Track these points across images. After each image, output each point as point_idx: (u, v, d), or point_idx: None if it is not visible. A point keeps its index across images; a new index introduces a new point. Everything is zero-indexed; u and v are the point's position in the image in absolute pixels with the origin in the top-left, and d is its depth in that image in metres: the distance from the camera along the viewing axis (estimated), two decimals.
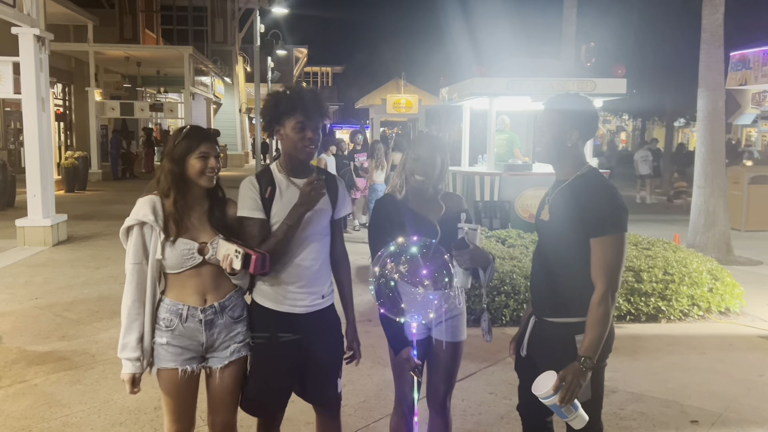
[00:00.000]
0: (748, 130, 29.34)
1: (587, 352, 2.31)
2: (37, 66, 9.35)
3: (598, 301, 2.32)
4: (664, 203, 16.99)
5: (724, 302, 6.26)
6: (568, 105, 2.49)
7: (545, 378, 2.35)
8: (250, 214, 2.61)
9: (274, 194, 2.63)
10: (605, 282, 2.33)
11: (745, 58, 11.81)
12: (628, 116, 34.72)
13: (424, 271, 2.58)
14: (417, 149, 2.82)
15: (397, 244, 2.58)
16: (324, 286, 2.73)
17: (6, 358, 4.93)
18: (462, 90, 10.15)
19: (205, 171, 2.52)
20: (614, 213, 2.36)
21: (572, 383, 2.28)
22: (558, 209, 2.48)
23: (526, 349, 2.64)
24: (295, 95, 2.62)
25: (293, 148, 2.63)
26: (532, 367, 2.58)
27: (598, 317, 2.32)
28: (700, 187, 9.33)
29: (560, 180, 2.55)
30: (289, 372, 2.70)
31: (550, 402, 2.32)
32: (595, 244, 2.35)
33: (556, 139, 2.48)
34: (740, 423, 3.99)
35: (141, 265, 2.50)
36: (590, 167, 2.53)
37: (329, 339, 2.78)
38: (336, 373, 2.81)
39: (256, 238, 2.58)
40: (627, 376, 4.71)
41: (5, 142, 19.40)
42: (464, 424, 3.89)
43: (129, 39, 24.39)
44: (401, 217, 2.77)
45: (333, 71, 65.49)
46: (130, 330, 2.51)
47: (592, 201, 2.38)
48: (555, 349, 2.46)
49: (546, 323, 2.53)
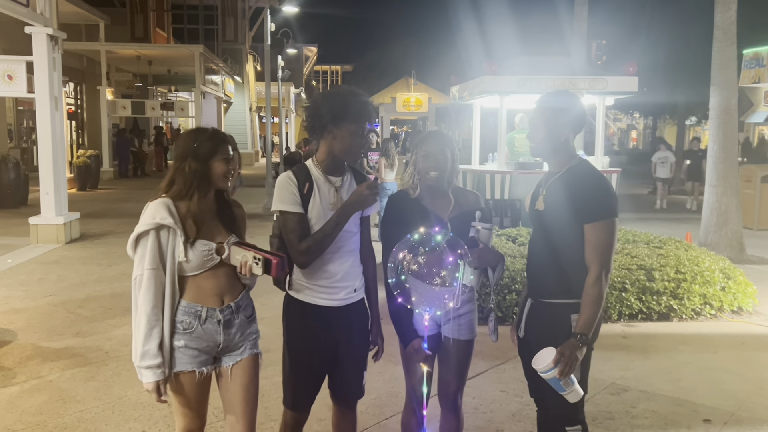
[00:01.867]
0: (760, 129, 29.12)
1: (583, 329, 2.49)
2: (51, 65, 9.42)
3: (592, 282, 2.49)
4: (677, 201, 16.88)
5: (736, 301, 6.23)
6: (559, 103, 2.66)
7: (544, 354, 2.49)
8: (290, 208, 2.65)
9: (312, 190, 2.69)
10: (599, 264, 2.49)
11: (758, 55, 11.73)
12: (639, 114, 34.56)
13: (438, 264, 2.61)
14: (425, 146, 2.84)
15: (419, 234, 2.61)
16: (356, 280, 2.80)
17: (21, 354, 4.98)
18: (472, 88, 10.14)
19: (228, 174, 2.53)
20: (605, 200, 2.54)
21: (570, 357, 2.44)
22: (553, 199, 2.63)
23: (524, 331, 2.77)
24: (355, 100, 2.67)
25: (346, 151, 2.70)
26: (529, 348, 2.70)
27: (593, 297, 2.49)
28: (712, 185, 9.27)
29: (553, 172, 2.70)
30: (323, 364, 2.78)
31: (550, 376, 2.46)
32: (588, 230, 2.51)
33: (550, 134, 2.63)
34: (753, 422, 3.97)
35: (158, 270, 2.47)
36: (581, 159, 2.69)
37: (359, 332, 2.85)
38: (363, 366, 2.87)
39: (296, 232, 2.63)
40: (639, 375, 4.70)
41: (18, 140, 19.55)
42: (476, 421, 3.90)
43: (140, 38, 24.51)
44: (414, 214, 2.79)
45: (343, 70, 65.54)
46: (150, 337, 2.46)
47: (584, 190, 2.55)
48: (551, 328, 2.60)
49: (542, 304, 2.68)
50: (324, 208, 2.67)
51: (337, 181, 2.75)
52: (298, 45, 38.75)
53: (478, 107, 11.02)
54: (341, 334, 2.76)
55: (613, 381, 4.57)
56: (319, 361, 2.76)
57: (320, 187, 2.71)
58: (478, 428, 3.84)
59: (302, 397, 2.81)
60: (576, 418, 2.63)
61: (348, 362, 2.81)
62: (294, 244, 2.63)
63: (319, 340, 2.73)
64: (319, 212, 2.66)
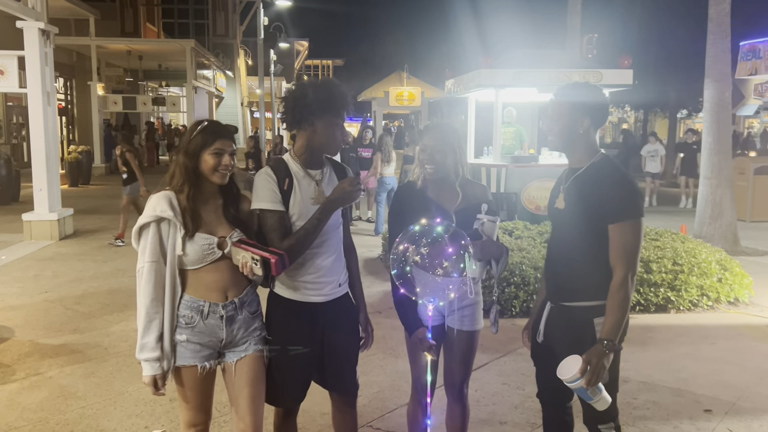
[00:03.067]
0: (750, 121, 29.30)
1: (609, 335, 2.36)
2: (42, 60, 9.34)
3: (618, 285, 2.37)
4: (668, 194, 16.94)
5: (733, 292, 6.27)
6: (578, 93, 2.53)
7: (569, 362, 2.39)
8: (270, 206, 2.57)
9: (292, 186, 2.61)
10: (625, 266, 2.37)
11: (755, 48, 11.79)
12: (630, 108, 34.62)
13: (441, 255, 2.58)
14: (424, 139, 2.85)
15: (421, 225, 2.59)
16: (340, 275, 2.76)
17: (20, 351, 4.95)
18: (468, 82, 10.13)
19: (218, 168, 2.49)
20: (631, 199, 2.42)
21: (597, 366, 2.32)
22: (574, 197, 2.52)
23: (543, 335, 2.68)
24: (337, 91, 2.60)
25: (326, 144, 2.64)
26: (549, 353, 2.63)
27: (619, 300, 2.37)
28: (706, 178, 9.32)
29: (574, 168, 2.59)
30: (309, 361, 2.71)
31: (577, 385, 2.36)
32: (613, 230, 2.39)
33: (568, 126, 2.52)
34: (754, 412, 4.00)
35: (158, 263, 2.44)
36: (603, 154, 2.56)
37: (347, 326, 2.81)
38: (354, 360, 2.83)
39: (277, 231, 2.56)
40: (638, 366, 4.72)
41: (8, 136, 19.37)
42: (478, 413, 3.91)
43: (130, 33, 24.33)
44: (418, 205, 2.79)
45: (334, 64, 65.29)
46: (148, 330, 2.44)
47: (608, 188, 2.42)
48: (574, 333, 2.50)
49: (563, 308, 2.57)
50: (305, 203, 2.60)
51: (317, 175, 2.67)
52: (290, 39, 38.61)
53: (473, 101, 11.00)
54: (327, 329, 2.71)
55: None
56: (303, 358, 2.68)
57: (300, 182, 2.63)
58: (481, 421, 3.85)
59: (285, 394, 2.74)
60: (609, 416, 2.53)
61: (338, 357, 2.75)
62: (275, 243, 2.53)
63: (304, 337, 2.66)
64: (301, 208, 2.59)
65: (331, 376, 2.79)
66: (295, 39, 42.83)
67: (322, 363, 2.75)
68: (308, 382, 2.77)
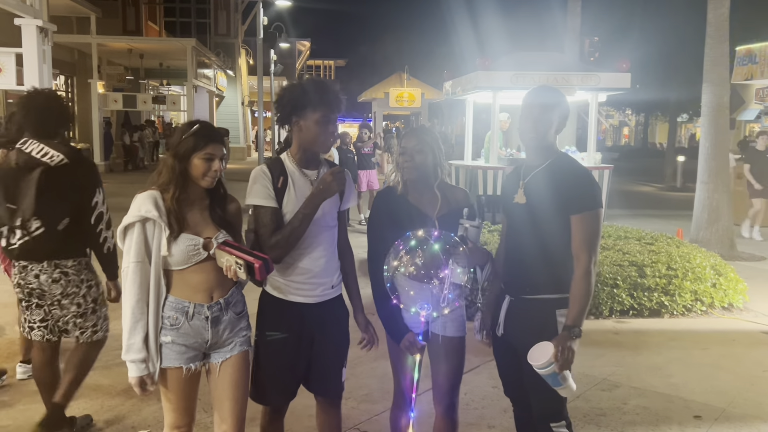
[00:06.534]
0: (751, 126, 29.28)
1: (575, 322, 2.46)
2: (40, 57, 9.33)
3: (582, 274, 2.49)
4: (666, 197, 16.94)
5: (727, 298, 6.26)
6: (545, 98, 2.66)
7: (539, 349, 2.46)
8: (263, 202, 2.60)
9: (287, 184, 2.64)
10: (587, 255, 2.50)
11: (751, 52, 11.77)
12: (631, 111, 34.63)
13: (436, 266, 2.58)
14: (403, 142, 2.84)
15: (416, 239, 2.58)
16: (333, 277, 2.76)
17: (9, 349, 4.93)
18: (466, 84, 10.13)
19: (208, 173, 2.48)
20: (591, 191, 2.56)
21: (567, 351, 2.42)
22: (536, 192, 2.62)
23: (503, 329, 2.73)
24: (321, 88, 2.61)
25: (313, 141, 2.65)
26: (508, 346, 2.71)
27: (583, 289, 2.48)
28: (703, 182, 9.30)
29: (533, 165, 2.69)
30: (298, 362, 2.72)
31: (549, 371, 2.44)
32: (576, 221, 2.52)
33: (536, 129, 2.62)
34: (744, 418, 3.99)
35: (143, 263, 2.43)
36: (562, 152, 2.72)
37: (337, 329, 2.80)
38: (341, 363, 2.83)
39: (268, 227, 2.58)
40: (630, 371, 4.71)
41: None
42: (467, 417, 3.89)
43: (132, 31, 24.30)
44: (399, 210, 2.78)
45: (336, 64, 65.33)
46: (134, 331, 2.43)
47: (570, 181, 2.56)
48: (536, 325, 2.59)
49: (524, 301, 2.64)
50: (299, 202, 2.61)
51: (313, 175, 2.70)
52: (291, 39, 38.63)
53: (471, 103, 11.02)
54: (316, 331, 2.71)
55: (605, 377, 4.58)
56: (295, 357, 2.69)
57: (295, 181, 2.65)
58: (470, 424, 3.83)
59: (274, 393, 2.74)
60: (560, 414, 2.63)
61: (325, 359, 2.76)
62: (265, 238, 2.58)
63: (294, 337, 2.67)
64: (295, 206, 2.61)
65: (316, 378, 2.78)
66: (297, 39, 42.86)
67: (309, 364, 2.75)
68: (298, 381, 2.78)
